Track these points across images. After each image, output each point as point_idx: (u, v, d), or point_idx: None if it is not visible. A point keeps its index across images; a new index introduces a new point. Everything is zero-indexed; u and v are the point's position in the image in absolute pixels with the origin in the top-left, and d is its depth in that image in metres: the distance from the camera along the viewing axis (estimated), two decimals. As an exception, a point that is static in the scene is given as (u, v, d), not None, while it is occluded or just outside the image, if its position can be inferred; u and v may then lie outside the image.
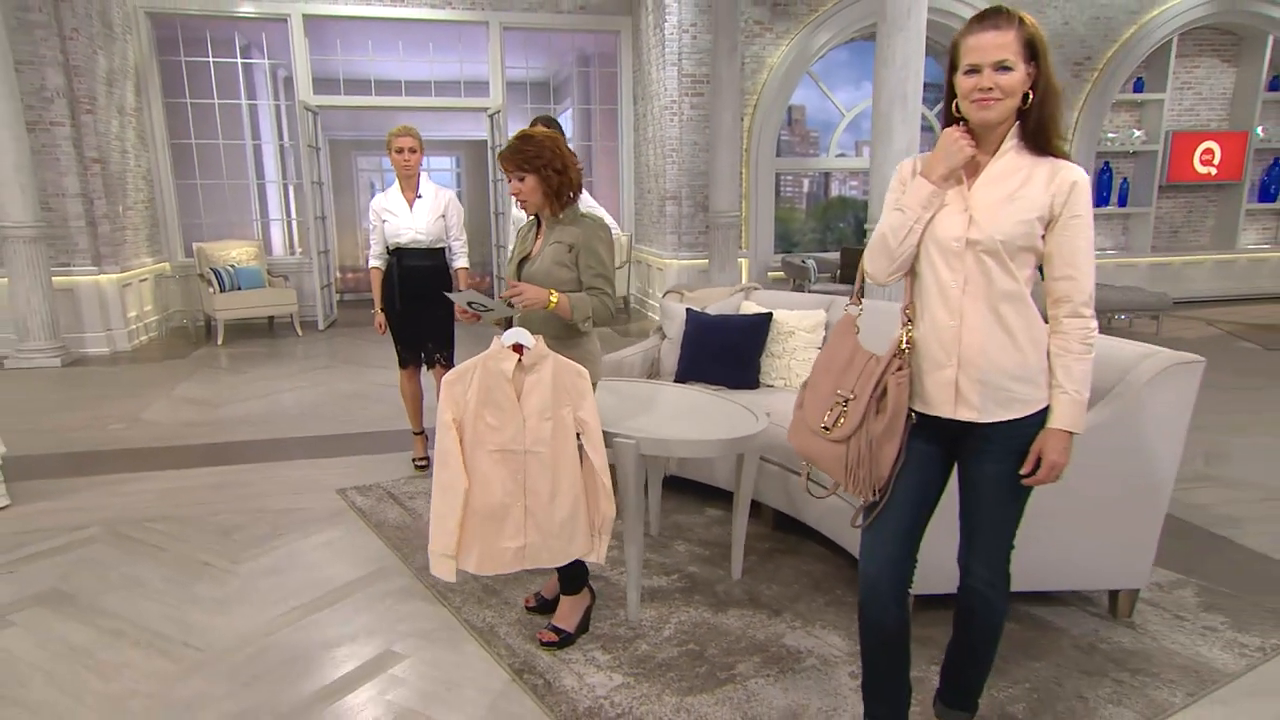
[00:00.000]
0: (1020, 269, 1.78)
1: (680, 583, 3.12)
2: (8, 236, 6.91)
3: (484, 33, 9.38)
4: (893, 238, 1.83)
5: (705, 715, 2.32)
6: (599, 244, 2.65)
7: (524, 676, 2.50)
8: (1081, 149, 9.52)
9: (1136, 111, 9.95)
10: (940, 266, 1.80)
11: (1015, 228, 1.74)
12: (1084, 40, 9.32)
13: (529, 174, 2.56)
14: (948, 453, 1.92)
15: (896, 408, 1.82)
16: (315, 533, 3.55)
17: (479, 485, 2.45)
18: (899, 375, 1.83)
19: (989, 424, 1.82)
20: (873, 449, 1.83)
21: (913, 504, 1.90)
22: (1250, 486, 4.08)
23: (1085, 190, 1.76)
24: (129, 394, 6.06)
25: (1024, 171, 1.76)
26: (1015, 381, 1.80)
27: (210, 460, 4.54)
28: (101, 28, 7.77)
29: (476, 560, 2.48)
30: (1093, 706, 2.37)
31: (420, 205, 4.13)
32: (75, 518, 3.73)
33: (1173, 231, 10.41)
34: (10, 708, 2.40)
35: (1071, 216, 1.75)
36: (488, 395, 2.43)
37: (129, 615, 2.90)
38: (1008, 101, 1.71)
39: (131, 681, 2.51)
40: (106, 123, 7.76)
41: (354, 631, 2.78)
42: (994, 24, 1.69)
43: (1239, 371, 6.54)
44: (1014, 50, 1.68)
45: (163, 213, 8.93)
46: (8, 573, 3.22)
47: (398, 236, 4.11)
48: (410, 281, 4.12)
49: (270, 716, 2.33)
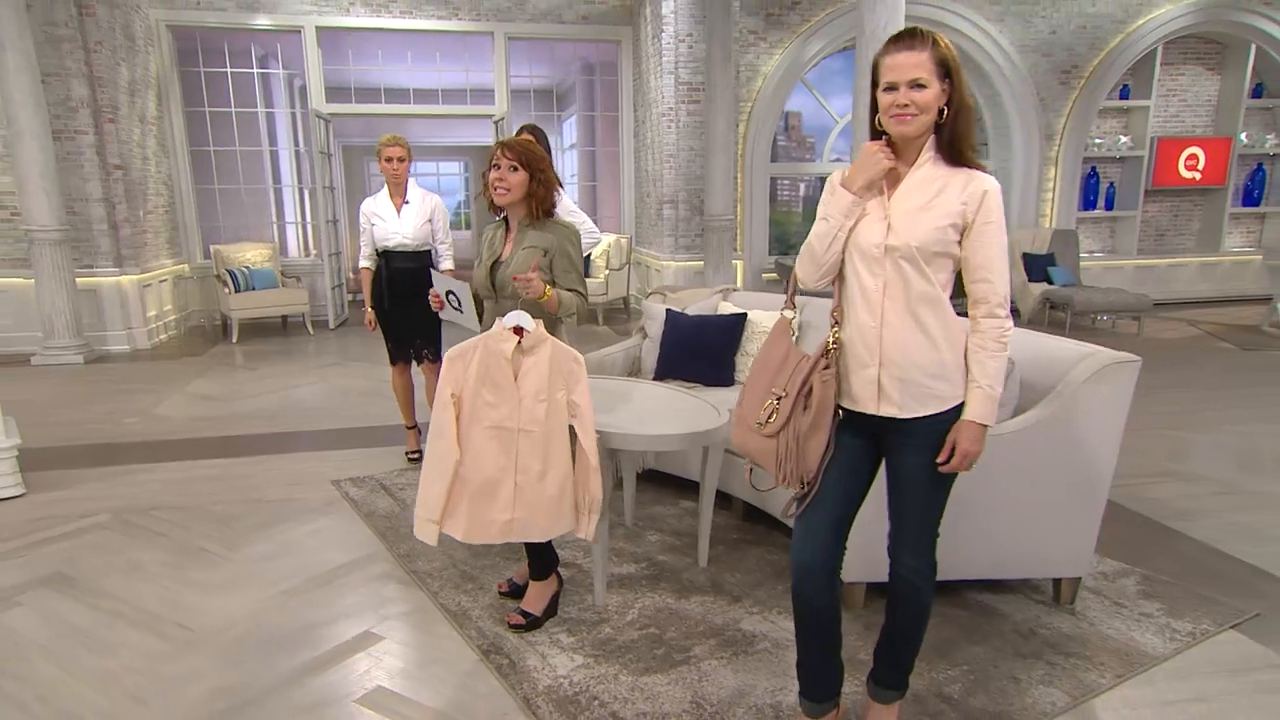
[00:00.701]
0: (936, 273, 1.83)
1: (649, 570, 3.19)
2: (34, 239, 7.05)
3: (489, 42, 9.46)
4: (818, 245, 1.90)
5: (658, 694, 2.38)
6: (571, 248, 2.74)
7: (491, 657, 2.57)
8: (1068, 154, 9.51)
9: (1123, 118, 9.93)
10: (862, 272, 1.86)
11: (930, 234, 1.80)
12: (1071, 49, 9.30)
13: (523, 170, 2.63)
14: (875, 447, 1.98)
15: (821, 404, 1.88)
16: (308, 521, 3.63)
17: (472, 458, 2.51)
18: (824, 374, 1.89)
19: (910, 419, 1.88)
20: (799, 443, 1.90)
21: (841, 495, 1.96)
22: (1207, 481, 4.12)
23: (996, 198, 1.81)
24: (145, 390, 6.18)
25: (940, 181, 1.82)
26: (933, 379, 1.85)
27: (216, 453, 4.64)
28: (124, 40, 7.91)
29: (464, 528, 2.53)
30: (1024, 687, 2.42)
31: (407, 210, 4.23)
32: (85, 506, 3.84)
33: (1159, 235, 10.38)
34: (10, 682, 2.49)
35: (984, 223, 1.81)
36: (486, 373, 2.49)
37: (128, 597, 2.99)
38: (923, 117, 1.77)
39: (125, 659, 2.60)
40: (128, 131, 7.89)
41: (336, 614, 2.86)
42: (909, 45, 1.76)
43: (1214, 371, 6.55)
44: (928, 69, 1.74)
45: (182, 216, 9.07)
46: (18, 557, 3.33)
47: (386, 240, 4.20)
48: (398, 282, 4.22)
49: (250, 692, 2.41)
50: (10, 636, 2.75)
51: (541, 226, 2.71)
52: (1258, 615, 2.80)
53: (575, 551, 3.27)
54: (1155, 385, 6.03)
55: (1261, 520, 3.61)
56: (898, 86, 1.76)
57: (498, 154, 2.66)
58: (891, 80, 1.76)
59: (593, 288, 9.33)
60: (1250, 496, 3.90)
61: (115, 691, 2.43)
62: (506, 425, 2.49)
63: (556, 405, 2.51)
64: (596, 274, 9.49)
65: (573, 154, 11.96)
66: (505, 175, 2.64)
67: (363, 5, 8.96)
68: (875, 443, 1.97)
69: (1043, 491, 2.76)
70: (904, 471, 1.94)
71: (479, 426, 2.51)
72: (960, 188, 1.80)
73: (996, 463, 2.69)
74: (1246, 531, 3.49)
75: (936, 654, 2.59)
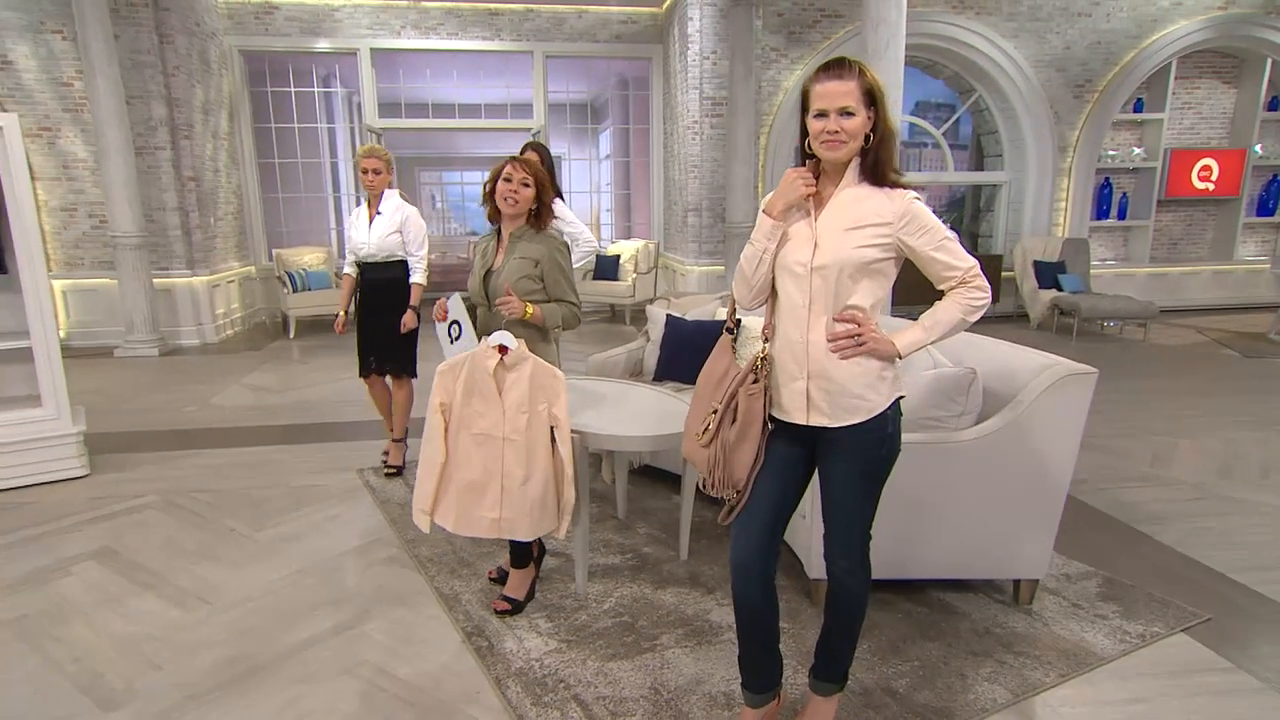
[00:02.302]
0: (865, 290, 1.81)
1: (632, 561, 3.19)
2: (118, 244, 7.33)
3: (530, 60, 9.53)
4: (747, 267, 1.90)
5: (619, 679, 2.39)
6: (562, 259, 2.76)
7: (473, 639, 2.61)
8: (1081, 165, 9.20)
9: (1137, 130, 9.56)
10: (791, 289, 1.85)
11: (854, 253, 1.78)
12: (1085, 64, 8.99)
13: (533, 187, 2.67)
14: (809, 454, 1.96)
15: (747, 418, 1.87)
16: (329, 507, 3.73)
17: (462, 460, 2.58)
18: (751, 388, 1.88)
19: (839, 428, 1.86)
20: (726, 454, 1.89)
21: (773, 501, 1.94)
22: (1184, 486, 3.97)
23: (921, 210, 1.79)
24: (206, 381, 6.39)
25: (864, 203, 1.80)
26: (859, 390, 1.83)
27: (257, 440, 4.78)
28: (200, 65, 8.16)
29: (454, 521, 2.62)
30: (970, 683, 2.38)
31: (378, 222, 3.95)
32: (137, 487, 3.99)
33: (1172, 243, 9.98)
34: (52, 643, 2.63)
35: (921, 232, 1.79)
36: (474, 386, 2.55)
37: (160, 571, 3.12)
38: (852, 143, 1.76)
39: (148, 626, 2.71)
40: (202, 146, 8.15)
41: (339, 593, 2.93)
42: (838, 74, 1.74)
43: (1212, 377, 6.29)
44: (855, 97, 1.72)
45: (249, 222, 9.34)
46: (76, 532, 3.49)
47: (356, 250, 4.01)
48: (365, 293, 4.05)
49: (254, 662, 2.49)
50: (59, 602, 2.89)
51: (532, 238, 2.74)
52: (1209, 619, 2.71)
53: (566, 541, 3.29)
54: (1151, 390, 5.84)
55: (1231, 526, 3.48)
56: (828, 113, 1.74)
57: (510, 168, 2.68)
58: (822, 107, 1.75)
59: (620, 290, 9.37)
60: (1224, 502, 3.74)
61: (135, 656, 2.54)
62: (492, 433, 2.53)
63: (538, 417, 2.54)
64: (624, 277, 9.51)
65: (608, 164, 11.98)
66: (518, 189, 2.66)
67: (413, 28, 9.10)
68: (809, 450, 1.95)
69: (1001, 496, 2.70)
70: (835, 479, 1.92)
71: (468, 433, 2.56)
72: (884, 206, 1.78)
73: (957, 467, 2.66)
74: (1215, 537, 3.37)
75: (890, 649, 2.56)
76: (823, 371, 1.83)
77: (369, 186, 3.95)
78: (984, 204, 10.04)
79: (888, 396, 1.86)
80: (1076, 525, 3.46)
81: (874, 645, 2.58)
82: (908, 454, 2.62)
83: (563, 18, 9.36)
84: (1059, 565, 3.12)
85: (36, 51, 7.53)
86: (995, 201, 9.71)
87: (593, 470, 4.07)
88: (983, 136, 9.87)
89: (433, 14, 9.11)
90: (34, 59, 7.54)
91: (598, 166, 12.01)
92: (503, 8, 9.19)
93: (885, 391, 1.85)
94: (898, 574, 2.79)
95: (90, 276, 7.93)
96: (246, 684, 2.38)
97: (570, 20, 9.37)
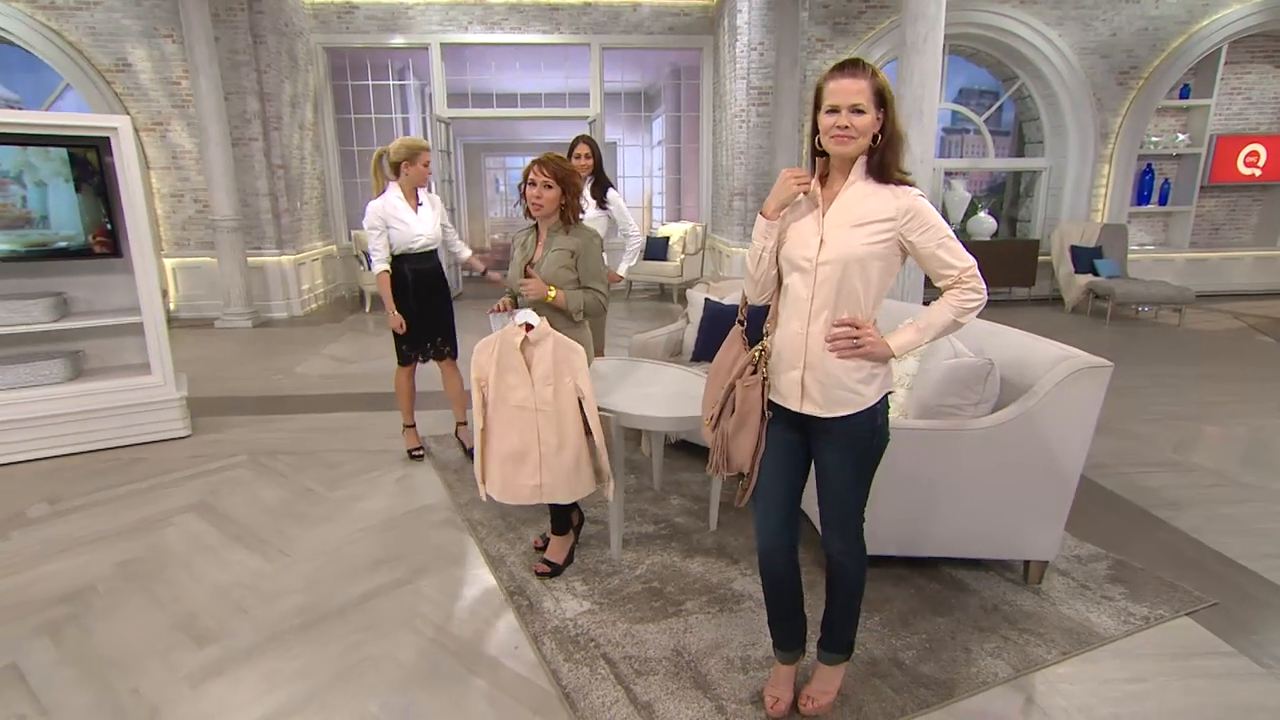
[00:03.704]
0: (869, 283, 1.79)
1: (664, 530, 3.24)
2: (217, 227, 7.64)
3: (587, 52, 9.47)
4: (751, 265, 1.90)
5: (645, 641, 2.45)
6: (595, 250, 2.78)
7: (514, 598, 2.70)
8: (1123, 152, 8.72)
9: (1182, 116, 8.99)
10: (797, 283, 1.84)
11: (860, 249, 1.76)
12: (1131, 50, 8.48)
13: (556, 186, 2.69)
14: (806, 440, 1.96)
15: (745, 408, 1.88)
16: (395, 471, 3.87)
17: (501, 431, 2.64)
18: (748, 379, 1.89)
19: (830, 418, 1.85)
20: (726, 441, 1.91)
21: (784, 481, 1.96)
22: (1204, 472, 3.80)
23: (925, 208, 1.76)
24: (291, 351, 6.65)
25: (870, 200, 1.78)
26: (853, 383, 1.83)
27: (335, 407, 4.96)
28: (289, 62, 8.36)
29: (499, 490, 2.68)
30: (973, 658, 2.36)
31: (424, 211, 3.78)
32: (230, 448, 4.21)
33: (1214, 229, 9.42)
34: (158, 584, 2.82)
35: (923, 230, 1.77)
36: (506, 362, 2.61)
37: (248, 524, 3.30)
38: (861, 140, 1.74)
39: (237, 574, 2.88)
40: (289, 136, 8.38)
41: (400, 551, 3.06)
42: (851, 73, 1.72)
43: (1245, 364, 5.96)
44: (867, 96, 1.70)
45: (331, 205, 9.60)
46: (178, 486, 3.71)
47: (411, 243, 3.71)
48: (420, 284, 3.81)
49: (323, 611, 2.64)
50: (164, 549, 3.09)
51: (568, 231, 2.76)
52: (1215, 604, 2.62)
53: (604, 510, 3.36)
54: (1181, 376, 5.58)
55: (1247, 513, 3.33)
56: (839, 109, 1.72)
57: (533, 172, 2.68)
58: (834, 103, 1.73)
59: (669, 270, 9.35)
60: (1243, 489, 3.58)
61: (225, 600, 2.71)
62: (526, 405, 2.59)
63: (564, 388, 2.59)
64: (673, 258, 9.47)
65: (660, 150, 11.87)
66: (541, 193, 2.68)
67: (479, 23, 9.12)
68: (805, 436, 1.95)
69: (1013, 483, 2.64)
70: (828, 466, 1.92)
71: (506, 406, 2.62)
72: (888, 203, 1.76)
73: (972, 454, 2.61)
74: (1231, 523, 3.23)
75: (900, 622, 2.55)
76: (818, 363, 1.83)
77: (424, 180, 3.77)
78: (1024, 189, 9.63)
79: (878, 391, 1.86)
80: (1092, 508, 3.36)
81: (885, 618, 2.58)
82: (926, 438, 2.60)
83: (619, 11, 9.24)
84: (1071, 547, 3.05)
85: (150, 54, 7.84)
86: (1035, 187, 9.31)
87: (633, 444, 4.12)
88: (1024, 123, 9.43)
89: (497, 10, 9.10)
90: (148, 61, 7.85)
91: (650, 152, 11.90)
92: (562, 2, 9.13)
93: (876, 386, 1.85)
94: (911, 551, 2.78)
95: (195, 255, 8.29)
96: (317, 629, 2.53)
97: (626, 14, 9.25)
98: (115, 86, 7.86)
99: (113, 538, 3.18)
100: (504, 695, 2.19)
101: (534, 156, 2.76)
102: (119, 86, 7.87)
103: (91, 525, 3.29)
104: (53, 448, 4.10)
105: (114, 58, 7.80)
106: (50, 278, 4.30)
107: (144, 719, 2.12)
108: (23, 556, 3.03)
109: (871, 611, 2.59)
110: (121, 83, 7.87)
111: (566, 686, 2.22)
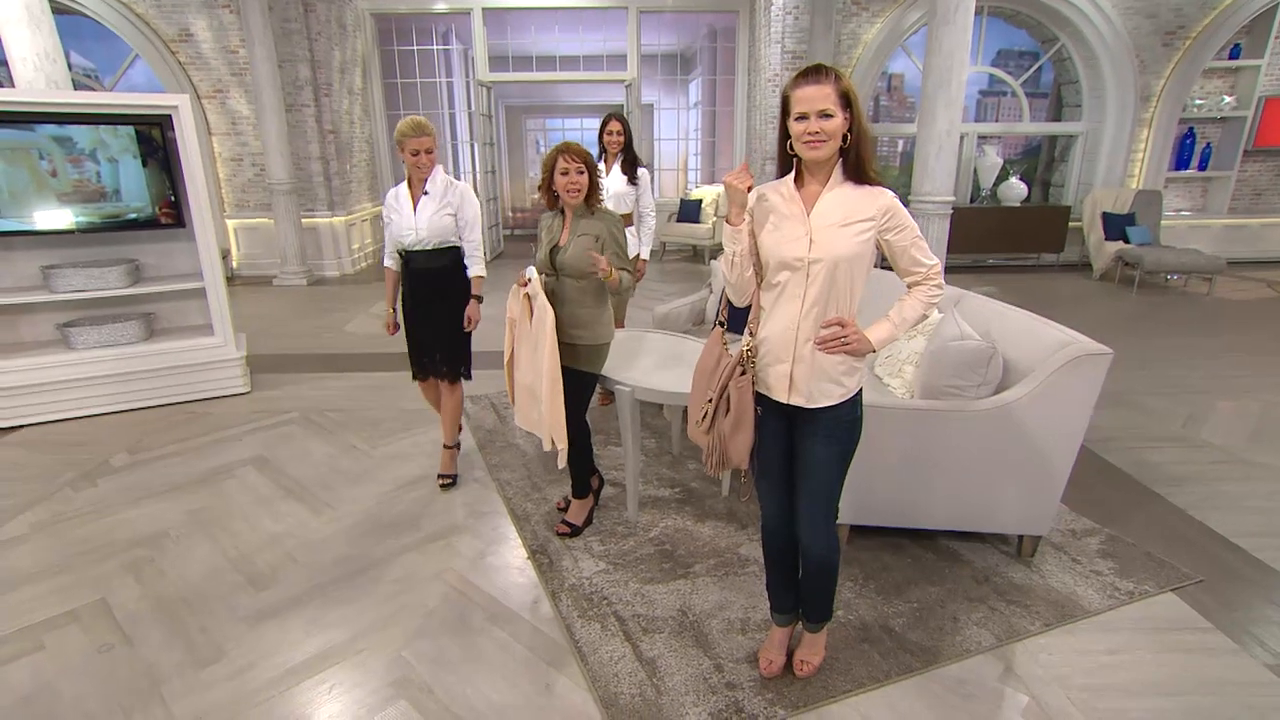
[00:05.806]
0: (850, 281, 1.81)
1: (679, 495, 3.30)
2: (274, 190, 7.80)
3: (624, 15, 9.24)
4: (727, 270, 1.91)
5: (654, 600, 2.55)
6: (619, 234, 2.80)
7: (536, 556, 2.82)
8: (1164, 115, 8.26)
9: (1230, 78, 8.43)
10: (789, 281, 1.85)
11: (848, 247, 1.78)
12: (1179, 9, 7.94)
13: (587, 172, 2.71)
14: (790, 429, 1.99)
15: (740, 408, 1.90)
16: (433, 430, 3.99)
17: (523, 366, 2.82)
18: (740, 381, 1.91)
19: (813, 409, 1.89)
20: (723, 441, 1.95)
21: (781, 468, 2.00)
22: (1210, 448, 3.72)
23: (900, 208, 1.80)
24: (341, 309, 6.83)
25: (852, 201, 1.79)
26: (839, 375, 1.86)
27: (378, 367, 5.10)
28: (338, 29, 8.35)
29: (520, 417, 2.88)
30: (960, 626, 2.40)
31: (424, 203, 3.05)
32: (284, 404, 4.40)
33: (1256, 194, 8.90)
34: (220, 532, 3.02)
35: (897, 230, 1.81)
36: (519, 308, 2.79)
37: (299, 478, 3.48)
38: (831, 143, 1.74)
39: (289, 525, 3.06)
40: (339, 102, 8.43)
41: (434, 508, 3.19)
42: (816, 79, 1.71)
43: (1273, 335, 5.71)
44: (833, 100, 1.70)
45: (379, 168, 9.67)
46: (238, 441, 3.91)
47: (401, 238, 3.09)
48: (415, 285, 3.16)
49: (363, 563, 2.79)
50: (225, 498, 3.29)
51: (592, 215, 2.78)
52: (1201, 581, 2.61)
53: (624, 473, 3.44)
54: (1202, 347, 5.39)
55: (1247, 491, 3.27)
56: (809, 116, 1.72)
57: (564, 160, 2.67)
58: (802, 110, 1.73)
59: (701, 232, 9.27)
60: (1246, 467, 3.50)
61: (278, 549, 2.89)
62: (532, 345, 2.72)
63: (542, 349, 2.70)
64: (705, 220, 9.37)
65: (696, 112, 11.60)
66: (575, 179, 2.69)
67: (519, -12, 8.95)
68: (790, 425, 1.98)
69: (1012, 461, 2.64)
70: (808, 456, 1.94)
71: (524, 345, 2.77)
72: (869, 203, 1.79)
73: (971, 434, 2.61)
74: (1228, 501, 3.18)
75: (894, 590, 2.60)
76: (808, 357, 1.86)
77: (417, 169, 3.03)
78: (1059, 154, 9.21)
79: (858, 382, 1.91)
80: (1092, 482, 3.34)
81: (880, 585, 2.63)
82: (928, 418, 2.61)
83: (655, -27, 8.96)
84: (1067, 521, 3.05)
85: (211, 24, 7.91)
86: (1070, 152, 8.89)
87: (654, 409, 4.19)
88: (1063, 86, 8.96)
89: (536, -27, 8.90)
90: (209, 30, 7.93)
91: (686, 115, 11.64)
92: (600, -34, 8.88)
93: (857, 378, 1.90)
94: (909, 523, 2.81)
95: (254, 217, 8.49)
96: (359, 579, 2.69)
97: (662, -24, 8.96)
98: (179, 56, 7.98)
99: (184, 487, 3.39)
100: (521, 646, 2.33)
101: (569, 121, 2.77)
102: (182, 56, 7.99)
103: (166, 475, 3.51)
104: (131, 401, 4.34)
105: (177, 28, 7.90)
106: (123, 245, 4.49)
107: (212, 655, 2.31)
108: (108, 503, 3.26)
109: (868, 579, 2.65)
110: (185, 52, 7.98)
111: (579, 640, 2.35)
